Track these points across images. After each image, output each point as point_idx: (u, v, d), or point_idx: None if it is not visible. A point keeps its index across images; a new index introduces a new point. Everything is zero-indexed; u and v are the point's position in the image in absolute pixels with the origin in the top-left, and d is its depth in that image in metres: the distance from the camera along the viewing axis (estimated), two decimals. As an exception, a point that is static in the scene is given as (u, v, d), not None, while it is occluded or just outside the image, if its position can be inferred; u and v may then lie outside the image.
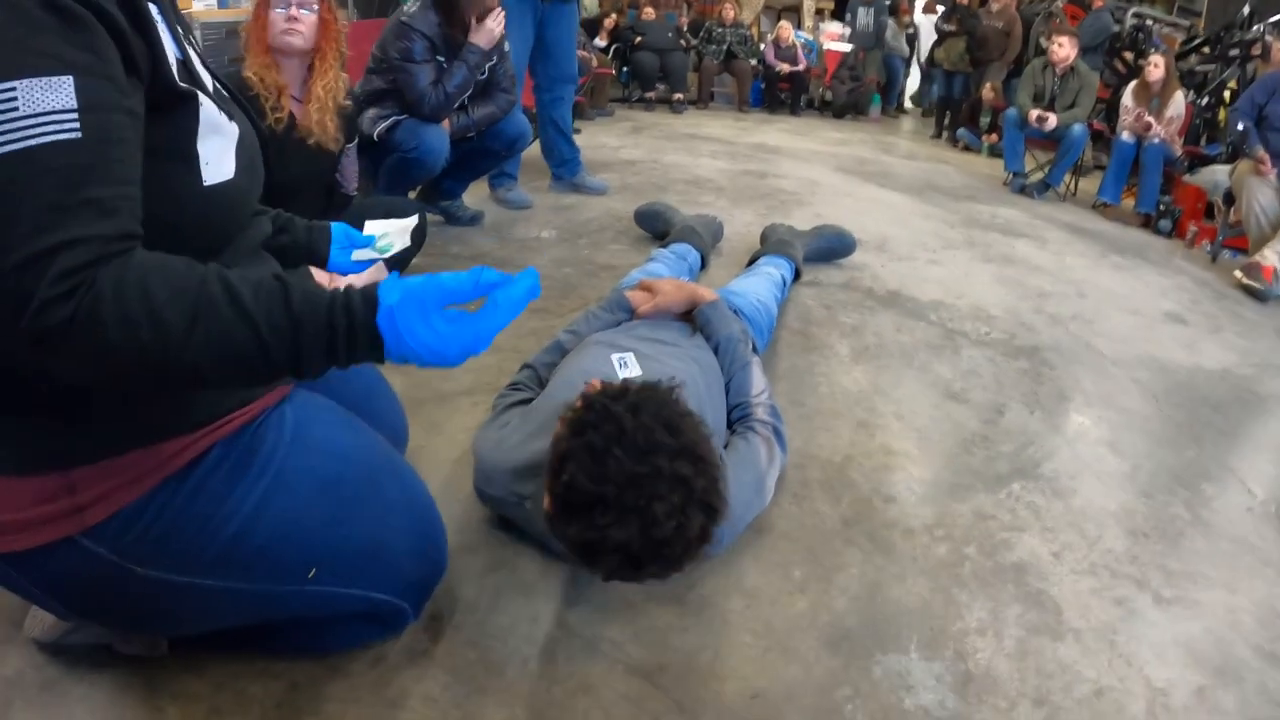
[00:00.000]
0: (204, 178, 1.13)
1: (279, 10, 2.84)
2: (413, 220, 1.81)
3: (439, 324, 1.02)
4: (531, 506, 1.68)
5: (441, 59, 3.67)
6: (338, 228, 1.68)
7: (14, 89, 0.89)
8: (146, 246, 0.98)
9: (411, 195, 3.99)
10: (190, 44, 1.23)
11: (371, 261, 1.66)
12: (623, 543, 1.34)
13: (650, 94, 10.44)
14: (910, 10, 12.23)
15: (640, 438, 1.36)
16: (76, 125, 0.92)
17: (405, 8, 3.76)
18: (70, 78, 0.92)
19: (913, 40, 12.30)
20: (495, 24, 3.69)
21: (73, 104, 0.92)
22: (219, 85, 1.29)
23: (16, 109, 0.89)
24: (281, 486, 1.29)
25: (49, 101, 0.90)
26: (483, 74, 3.87)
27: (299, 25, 2.85)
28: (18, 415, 1.10)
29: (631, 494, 1.34)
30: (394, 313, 1.00)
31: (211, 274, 0.98)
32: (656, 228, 4.06)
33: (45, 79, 0.91)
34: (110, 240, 0.93)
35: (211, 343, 0.96)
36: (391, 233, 1.73)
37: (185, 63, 1.15)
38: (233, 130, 1.20)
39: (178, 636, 1.49)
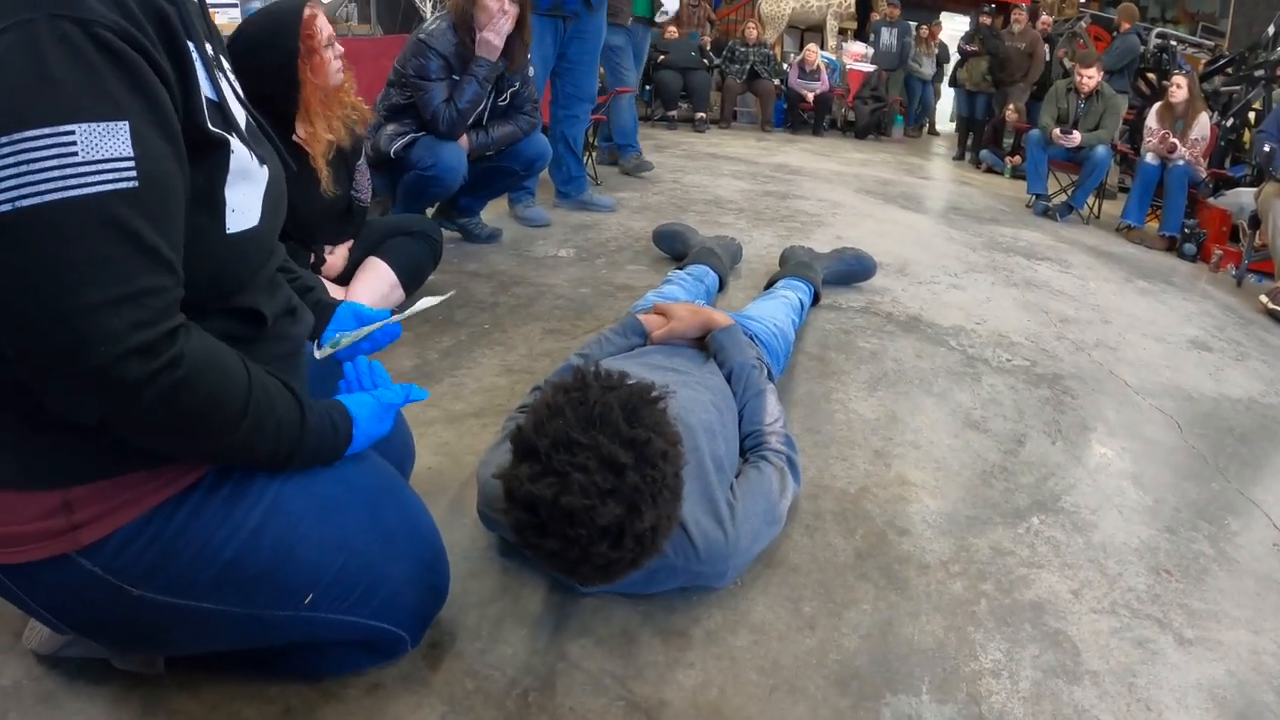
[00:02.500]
0: (228, 226, 1.15)
1: (329, 52, 2.61)
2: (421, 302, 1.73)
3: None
4: None
5: (457, 78, 3.67)
6: (345, 307, 1.69)
7: (73, 132, 0.90)
8: None
9: (429, 212, 3.98)
10: (226, 78, 1.22)
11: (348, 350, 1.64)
12: (533, 500, 1.33)
13: (673, 113, 10.47)
14: (935, 35, 12.22)
15: (596, 411, 1.36)
16: (134, 174, 0.94)
17: (426, 25, 3.77)
18: (126, 124, 0.94)
19: (942, 62, 12.30)
20: (492, 34, 3.64)
21: (129, 152, 0.94)
22: (252, 120, 1.28)
23: (75, 154, 0.91)
24: (280, 511, 1.27)
25: (107, 148, 0.92)
26: (504, 99, 3.87)
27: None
28: (20, 431, 1.10)
29: (560, 456, 1.32)
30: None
31: (256, 382, 1.15)
32: (675, 248, 4.04)
33: (103, 124, 0.92)
34: (173, 291, 1.00)
35: (244, 441, 1.15)
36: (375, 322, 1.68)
37: (219, 104, 1.14)
38: (262, 175, 1.21)
39: (173, 656, 1.47)
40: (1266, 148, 5.23)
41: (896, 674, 1.64)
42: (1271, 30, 7.52)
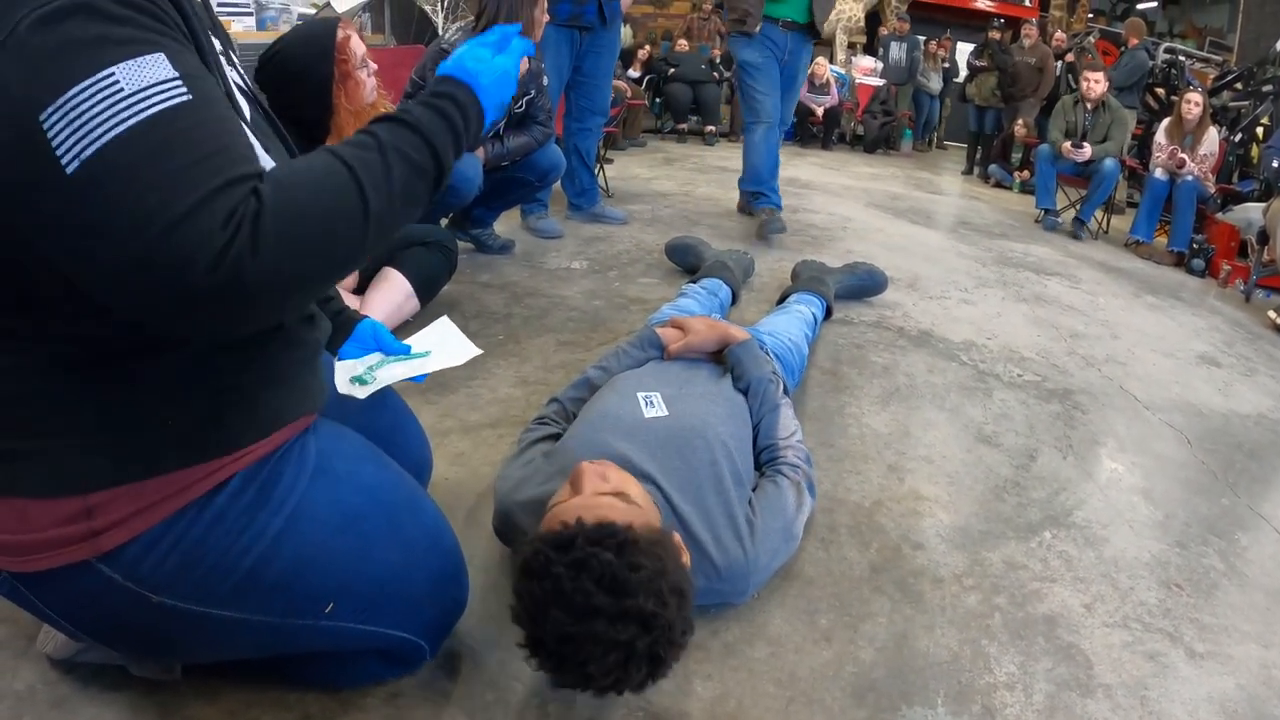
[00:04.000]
0: None
1: (363, 72, 2.68)
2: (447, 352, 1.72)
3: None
4: None
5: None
6: (366, 325, 1.70)
7: (113, 73, 0.90)
8: None
9: (443, 223, 4.01)
10: (233, 68, 1.24)
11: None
12: (564, 680, 1.33)
13: (682, 125, 10.51)
14: (943, 48, 12.23)
15: (578, 599, 1.27)
16: (184, 89, 0.94)
17: (446, 35, 3.80)
18: (161, 53, 0.94)
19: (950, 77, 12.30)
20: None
21: (173, 74, 0.93)
22: (259, 113, 1.30)
23: (121, 89, 0.90)
24: (302, 519, 1.27)
25: (150, 75, 0.92)
26: (520, 107, 3.90)
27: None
28: (40, 438, 1.10)
29: (569, 649, 1.28)
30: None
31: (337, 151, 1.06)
32: (688, 262, 4.06)
33: (139, 59, 0.92)
34: (256, 176, 0.96)
35: (384, 182, 1.05)
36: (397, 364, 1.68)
37: (227, 93, 1.15)
38: (269, 165, 1.20)
39: (186, 663, 1.48)
40: (1275, 163, 5.24)
41: (912, 686, 1.66)
42: (1279, 45, 7.54)
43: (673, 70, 10.43)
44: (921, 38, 11.91)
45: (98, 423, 1.11)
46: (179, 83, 0.93)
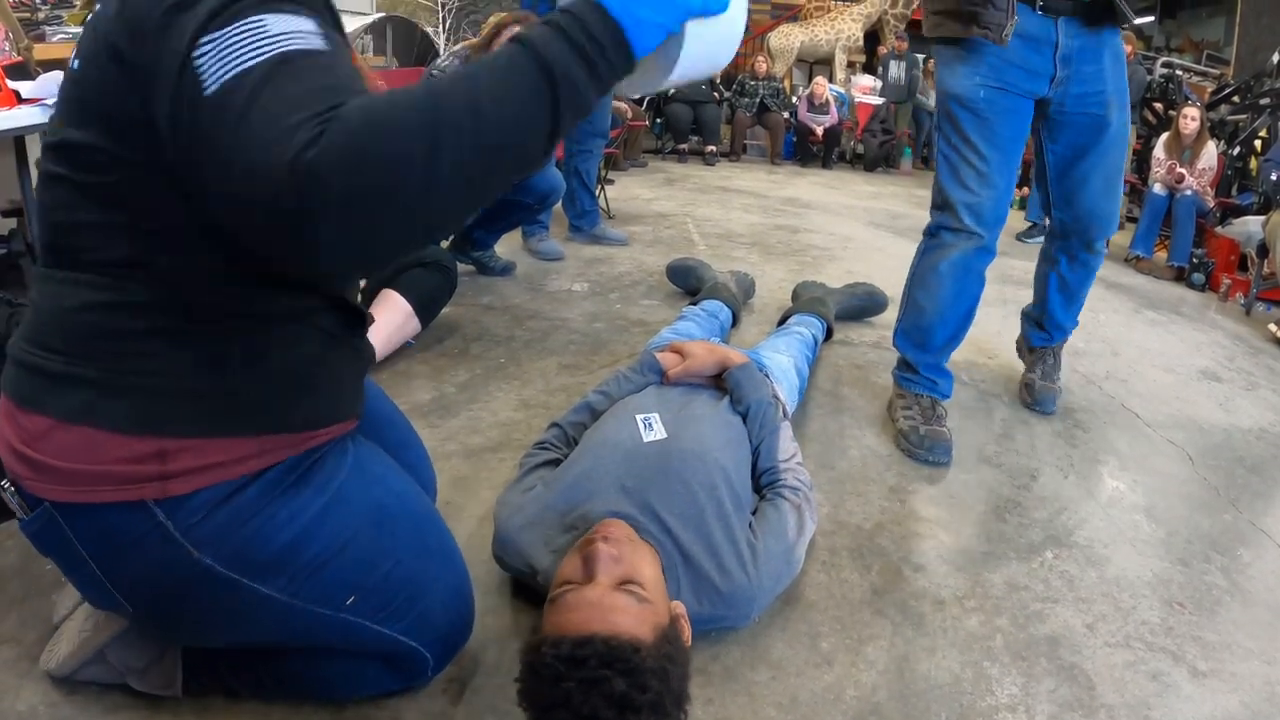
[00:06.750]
0: None
1: None
2: None
3: None
4: (543, 581, 1.67)
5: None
6: None
7: (262, 18, 0.97)
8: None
9: (443, 245, 4.02)
10: None
11: None
12: None
13: (683, 146, 10.55)
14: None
15: (585, 711, 1.27)
16: (322, 40, 1.00)
17: (438, 61, 3.83)
18: (313, 20, 1.01)
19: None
20: None
21: (315, 28, 1.01)
22: None
23: (268, 29, 0.97)
24: (341, 504, 1.32)
25: (295, 24, 0.99)
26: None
27: None
28: (130, 374, 1.14)
29: None
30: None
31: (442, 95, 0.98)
32: (688, 283, 4.07)
33: (291, 15, 1.00)
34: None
35: (463, 95, 0.97)
36: None
37: None
38: None
39: (198, 645, 1.48)
40: (1274, 175, 5.24)
41: (914, 710, 1.66)
42: (1276, 58, 7.56)
43: (673, 91, 10.47)
44: (920, 56, 11.93)
45: (192, 373, 1.16)
46: (318, 33, 1.00)
